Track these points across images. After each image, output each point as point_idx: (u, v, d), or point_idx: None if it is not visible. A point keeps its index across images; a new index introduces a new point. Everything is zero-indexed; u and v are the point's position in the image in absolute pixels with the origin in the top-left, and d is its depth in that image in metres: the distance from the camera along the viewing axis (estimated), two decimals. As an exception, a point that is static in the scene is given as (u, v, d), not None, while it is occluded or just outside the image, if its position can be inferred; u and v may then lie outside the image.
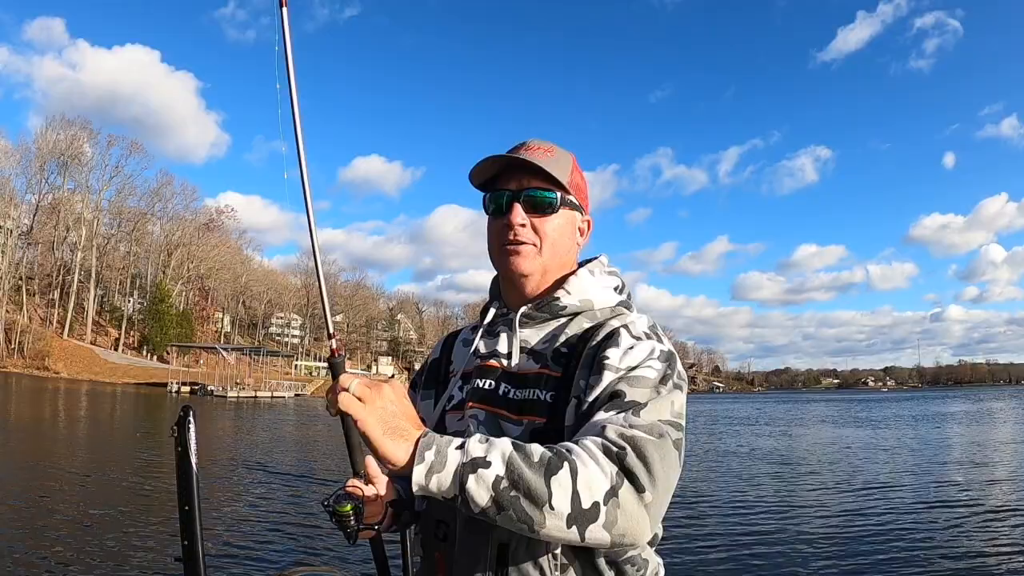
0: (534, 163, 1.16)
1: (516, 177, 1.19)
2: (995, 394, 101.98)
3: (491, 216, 1.23)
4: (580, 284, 1.22)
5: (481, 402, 1.17)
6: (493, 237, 1.22)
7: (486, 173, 1.22)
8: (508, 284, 1.25)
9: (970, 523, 9.16)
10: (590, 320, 1.19)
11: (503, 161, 1.19)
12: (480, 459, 0.89)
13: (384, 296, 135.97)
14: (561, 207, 1.21)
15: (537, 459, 0.90)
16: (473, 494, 0.88)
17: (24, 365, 67.76)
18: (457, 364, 1.30)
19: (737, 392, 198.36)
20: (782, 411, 51.77)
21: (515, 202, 1.18)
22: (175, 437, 1.13)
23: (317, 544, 7.65)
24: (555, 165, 1.19)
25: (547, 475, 0.88)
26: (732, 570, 6.96)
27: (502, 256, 1.21)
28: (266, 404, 49.28)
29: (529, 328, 1.21)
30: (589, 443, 0.93)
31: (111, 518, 8.57)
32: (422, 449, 0.91)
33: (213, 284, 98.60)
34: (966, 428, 29.87)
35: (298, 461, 16.48)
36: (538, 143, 1.23)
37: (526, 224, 1.18)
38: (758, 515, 9.77)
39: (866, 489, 12.21)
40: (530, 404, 1.13)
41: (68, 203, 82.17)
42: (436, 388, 1.31)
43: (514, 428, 1.12)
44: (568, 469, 0.89)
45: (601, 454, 0.91)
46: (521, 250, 1.19)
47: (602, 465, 0.90)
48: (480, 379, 1.20)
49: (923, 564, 7.13)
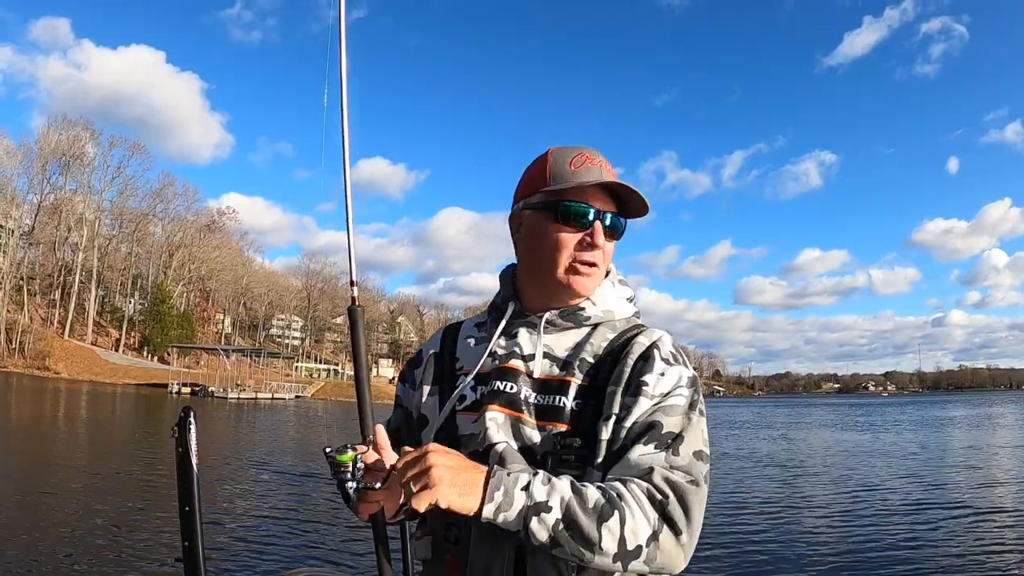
0: (635, 190, 1.17)
1: (598, 195, 1.18)
2: (995, 399, 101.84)
3: (564, 224, 1.18)
4: (603, 295, 1.23)
5: (502, 405, 1.15)
6: (563, 247, 1.18)
7: (580, 184, 1.17)
8: (545, 291, 1.23)
9: (966, 525, 9.16)
10: (612, 331, 1.21)
11: (606, 181, 1.17)
12: (543, 504, 0.96)
13: (385, 299, 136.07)
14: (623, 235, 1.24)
15: (591, 505, 0.97)
16: (535, 533, 0.96)
17: (25, 365, 67.82)
18: (466, 362, 1.26)
19: (737, 396, 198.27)
20: (782, 415, 51.78)
21: (599, 221, 1.18)
22: (176, 438, 1.13)
23: (318, 544, 7.66)
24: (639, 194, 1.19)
25: (599, 521, 0.96)
26: (731, 569, 6.97)
27: (572, 273, 1.19)
28: (267, 406, 49.27)
29: (551, 334, 1.21)
30: (636, 489, 1.00)
31: (111, 518, 8.58)
32: (492, 489, 0.97)
33: (214, 285, 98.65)
34: (964, 433, 29.86)
35: (298, 462, 16.50)
36: (604, 159, 1.21)
37: (602, 247, 1.19)
38: (757, 515, 9.78)
39: (863, 492, 12.21)
40: (554, 411, 1.13)
41: (70, 203, 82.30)
42: (442, 385, 1.26)
43: (536, 433, 1.12)
44: (618, 517, 0.97)
45: (646, 501, 0.99)
46: (592, 273, 1.20)
47: (647, 513, 0.99)
48: (500, 381, 1.17)
49: (923, 564, 7.14)
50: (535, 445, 1.11)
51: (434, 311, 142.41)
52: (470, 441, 1.15)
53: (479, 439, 1.14)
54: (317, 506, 10.30)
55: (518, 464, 1.08)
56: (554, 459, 1.10)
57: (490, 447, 1.12)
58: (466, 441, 1.16)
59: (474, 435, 1.15)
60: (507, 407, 1.15)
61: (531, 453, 1.11)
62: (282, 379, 76.69)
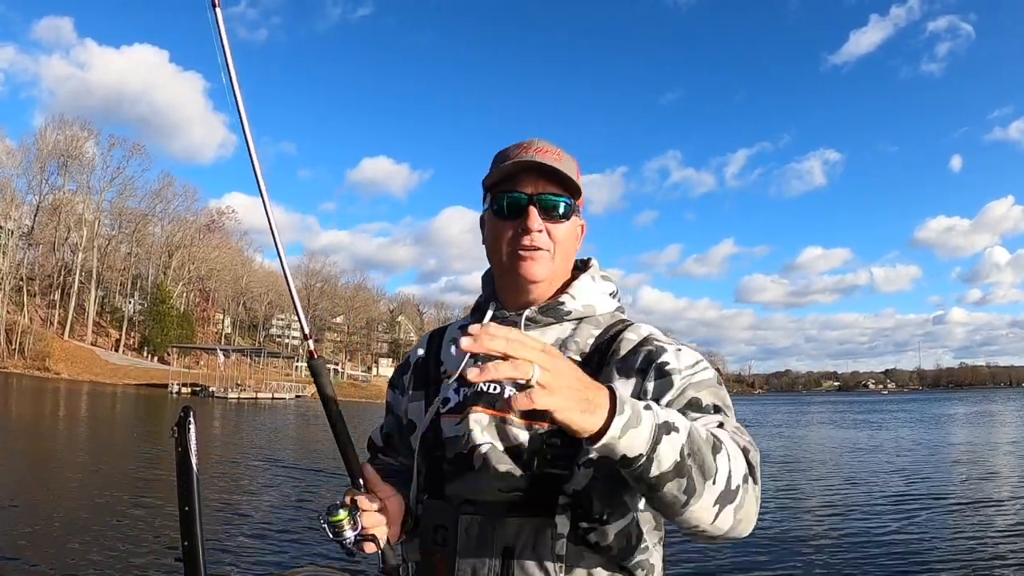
0: (556, 169, 1.14)
1: (531, 180, 1.16)
2: (994, 396, 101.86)
3: (501, 217, 1.19)
4: (583, 288, 1.21)
5: (486, 406, 1.14)
6: (503, 240, 1.18)
7: (503, 173, 1.17)
8: (512, 287, 1.22)
9: (961, 519, 9.17)
10: (596, 327, 1.19)
11: (521, 162, 1.15)
12: (671, 423, 0.87)
13: (385, 298, 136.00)
14: (572, 213, 1.20)
15: (704, 436, 0.90)
16: (663, 455, 0.85)
17: (25, 366, 67.80)
18: (449, 365, 1.26)
19: (737, 394, 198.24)
20: (782, 413, 51.77)
21: (532, 206, 1.16)
22: (175, 438, 1.13)
23: (318, 544, 7.66)
24: (568, 170, 1.17)
25: (714, 452, 0.89)
26: (730, 569, 6.98)
27: (514, 260, 1.18)
28: (267, 405, 49.28)
29: (533, 331, 1.18)
30: (723, 434, 0.95)
31: (111, 518, 8.58)
32: (621, 403, 0.84)
33: (214, 285, 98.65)
34: (960, 429, 29.87)
35: (299, 462, 16.48)
36: (546, 145, 1.19)
37: (542, 230, 1.16)
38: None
39: (858, 488, 12.22)
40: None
41: (69, 204, 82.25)
42: (427, 389, 1.26)
43: (522, 433, 1.10)
44: (726, 451, 0.91)
45: (735, 445, 0.95)
46: (536, 256, 1.17)
47: (739, 455, 0.94)
48: (483, 382, 1.14)
49: (921, 560, 7.15)
50: (522, 445, 1.10)
51: (434, 310, 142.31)
52: (455, 443, 1.14)
53: (463, 441, 1.13)
54: (318, 505, 10.30)
55: (501, 465, 1.08)
56: (539, 459, 1.08)
57: (474, 449, 1.11)
58: (451, 443, 1.15)
59: (458, 437, 1.14)
60: (491, 408, 1.14)
61: (518, 453, 1.10)
62: (282, 379, 76.69)
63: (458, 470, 1.11)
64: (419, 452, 1.20)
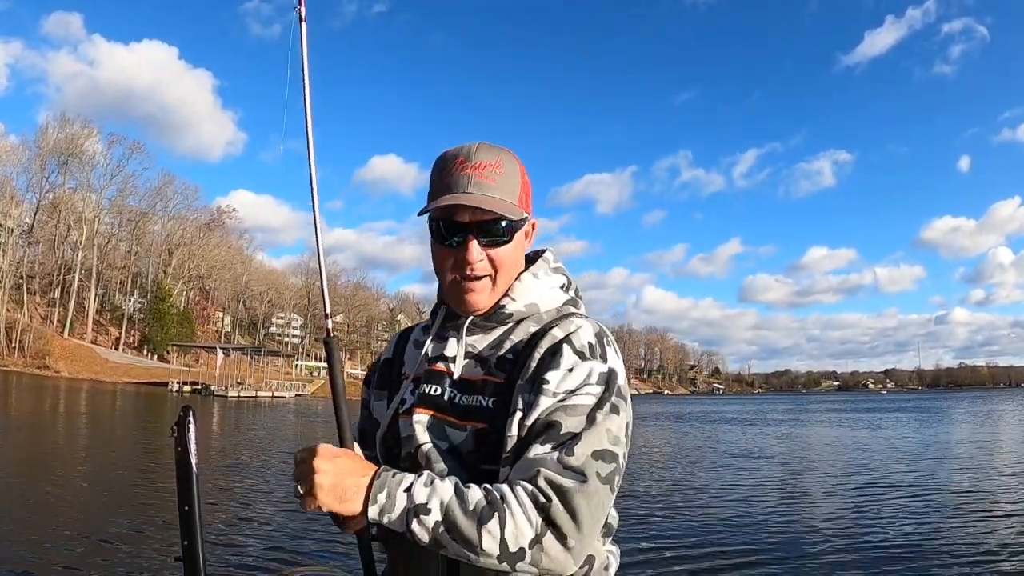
0: (488, 210, 1.11)
1: (468, 208, 1.13)
2: (993, 396, 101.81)
3: (440, 243, 1.17)
4: (524, 289, 1.21)
5: (428, 407, 1.18)
6: (446, 267, 1.17)
7: (439, 204, 1.13)
8: (456, 304, 1.22)
9: (960, 518, 9.16)
10: (536, 324, 1.19)
11: (454, 205, 1.12)
12: (422, 506, 0.99)
13: (385, 297, 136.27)
14: (515, 231, 1.17)
15: (472, 507, 0.99)
16: (417, 534, 0.99)
17: (25, 364, 67.85)
18: (408, 367, 1.29)
19: (736, 394, 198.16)
20: (781, 411, 51.77)
21: (470, 236, 1.14)
22: (175, 437, 1.13)
23: (317, 544, 7.65)
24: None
25: (479, 524, 0.98)
26: (730, 569, 6.97)
27: (456, 288, 1.18)
28: (267, 404, 49.31)
29: (476, 334, 1.21)
30: (520, 491, 1.00)
31: (111, 517, 8.57)
32: (375, 492, 1.00)
33: (214, 284, 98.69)
34: (960, 428, 29.88)
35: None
36: (484, 156, 1.15)
37: (483, 259, 1.15)
38: (752, 513, 9.79)
39: (856, 487, 12.21)
40: (474, 410, 1.14)
41: (69, 202, 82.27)
42: (389, 389, 1.30)
43: (458, 433, 1.14)
44: (497, 519, 0.97)
45: (530, 503, 0.99)
46: (477, 287, 1.16)
47: (529, 516, 0.98)
48: (428, 384, 1.20)
49: (919, 559, 7.14)
50: (460, 445, 1.13)
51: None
52: (408, 442, 1.18)
53: (411, 441, 1.17)
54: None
55: (440, 464, 1.12)
56: (472, 458, 1.12)
57: (418, 448, 1.16)
58: (405, 443, 1.19)
59: (409, 436, 1.18)
60: (431, 409, 1.18)
61: (457, 453, 1.13)
62: (282, 377, 76.78)
63: (410, 468, 1.13)
64: (379, 451, 1.25)
